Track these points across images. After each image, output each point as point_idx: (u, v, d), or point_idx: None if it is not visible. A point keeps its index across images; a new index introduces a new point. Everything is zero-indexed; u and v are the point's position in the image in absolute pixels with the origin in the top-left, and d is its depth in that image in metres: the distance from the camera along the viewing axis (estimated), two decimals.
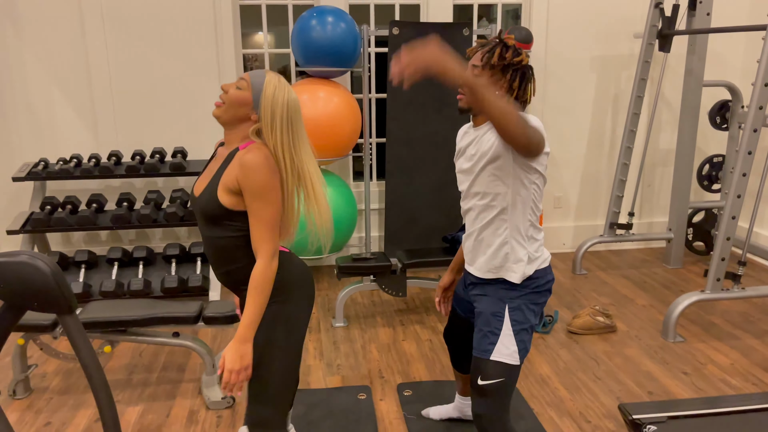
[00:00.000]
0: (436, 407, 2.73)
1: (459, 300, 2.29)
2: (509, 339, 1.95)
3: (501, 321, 1.96)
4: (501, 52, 1.89)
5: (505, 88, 1.91)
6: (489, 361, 1.95)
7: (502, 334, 1.94)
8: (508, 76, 1.91)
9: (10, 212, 4.37)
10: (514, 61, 1.90)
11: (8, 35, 4.15)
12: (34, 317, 2.84)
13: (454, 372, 2.54)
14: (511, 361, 1.95)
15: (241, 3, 4.42)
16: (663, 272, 4.58)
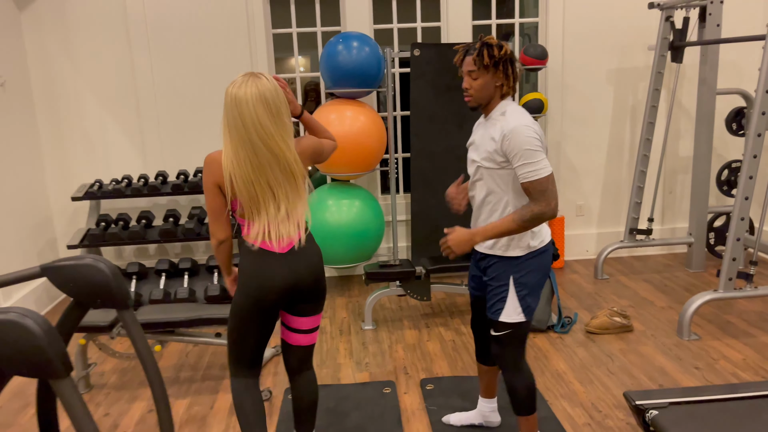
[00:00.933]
0: (457, 414, 2.81)
1: (474, 279, 2.48)
2: (515, 303, 2.26)
3: (507, 289, 2.26)
4: (488, 51, 2.16)
5: (502, 78, 2.19)
6: (498, 321, 2.29)
7: (508, 299, 2.26)
8: (501, 68, 2.18)
9: (70, 229, 4.79)
10: (501, 55, 2.17)
11: (66, 70, 4.59)
12: (94, 319, 3.18)
13: (479, 368, 2.65)
14: (518, 320, 2.27)
15: (274, 31, 4.78)
16: (685, 276, 4.70)
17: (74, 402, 1.68)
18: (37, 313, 1.58)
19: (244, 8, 4.61)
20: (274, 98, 2.02)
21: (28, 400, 3.23)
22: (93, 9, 4.53)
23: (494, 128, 2.20)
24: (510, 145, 2.11)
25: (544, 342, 3.65)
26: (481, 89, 2.20)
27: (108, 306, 2.26)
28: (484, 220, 2.32)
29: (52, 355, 1.61)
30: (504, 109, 2.21)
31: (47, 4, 4.49)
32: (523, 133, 2.09)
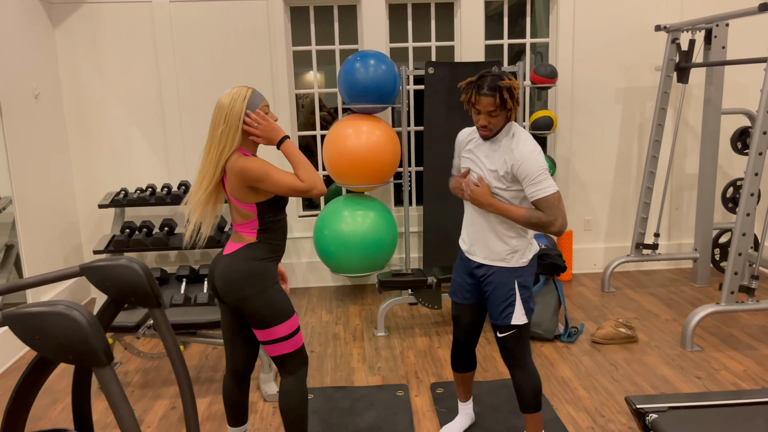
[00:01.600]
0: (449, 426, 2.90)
1: (464, 289, 2.61)
2: (521, 306, 2.48)
3: (514, 295, 2.47)
4: (509, 94, 2.30)
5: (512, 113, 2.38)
6: (509, 324, 2.48)
7: (516, 303, 2.47)
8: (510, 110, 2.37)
9: (95, 235, 4.99)
10: (516, 97, 2.34)
11: (95, 82, 4.82)
12: (121, 319, 3.35)
13: (458, 377, 2.81)
14: (523, 321, 2.49)
15: (294, 48, 4.98)
16: (690, 290, 4.81)
17: (114, 388, 1.84)
18: (82, 306, 1.73)
19: (266, 26, 4.82)
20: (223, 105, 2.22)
21: (57, 396, 3.39)
22: (123, 26, 4.75)
23: (505, 150, 2.38)
24: (521, 171, 2.32)
25: (551, 351, 3.77)
26: (497, 124, 2.38)
27: (141, 305, 2.42)
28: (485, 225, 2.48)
29: (96, 345, 1.77)
30: (512, 131, 2.41)
31: (79, 21, 4.72)
32: (532, 158, 2.31)
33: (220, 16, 4.79)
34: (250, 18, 4.81)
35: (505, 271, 2.47)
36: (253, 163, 2.20)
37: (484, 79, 2.32)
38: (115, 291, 2.40)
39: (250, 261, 2.27)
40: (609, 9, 4.98)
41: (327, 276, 5.22)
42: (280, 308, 2.29)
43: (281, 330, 2.29)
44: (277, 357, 2.34)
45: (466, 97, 2.39)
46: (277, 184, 2.20)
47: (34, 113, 4.38)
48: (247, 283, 2.25)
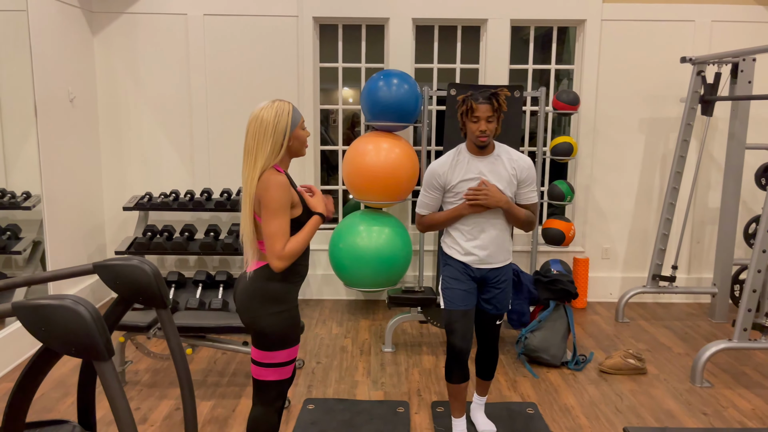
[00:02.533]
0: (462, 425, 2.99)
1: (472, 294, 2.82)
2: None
3: (510, 285, 2.90)
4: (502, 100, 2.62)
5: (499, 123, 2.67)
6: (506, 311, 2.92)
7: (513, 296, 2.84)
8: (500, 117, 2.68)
9: (119, 236, 5.14)
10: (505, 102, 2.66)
11: (129, 89, 5.00)
12: (134, 319, 3.45)
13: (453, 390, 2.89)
14: None
15: (321, 65, 5.10)
16: (707, 326, 4.72)
17: (112, 382, 1.91)
18: (88, 301, 1.81)
19: (296, 41, 4.95)
20: (268, 121, 2.13)
21: (68, 390, 3.50)
22: (158, 36, 4.94)
23: (505, 163, 2.73)
24: (529, 177, 2.76)
25: (557, 377, 3.75)
26: (493, 131, 2.67)
27: (149, 304, 2.51)
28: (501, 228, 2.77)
29: (99, 340, 1.85)
30: (504, 148, 2.77)
31: (118, 30, 4.92)
32: (533, 168, 2.78)
33: (251, 30, 4.94)
34: (281, 33, 4.95)
35: (510, 267, 2.88)
36: (276, 190, 2.11)
37: (478, 91, 2.66)
38: (125, 289, 2.49)
39: (270, 282, 2.20)
40: (635, 38, 4.98)
41: (341, 289, 5.28)
42: (288, 334, 2.23)
43: (279, 356, 2.23)
44: (260, 381, 2.27)
45: (463, 108, 2.65)
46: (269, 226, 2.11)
47: (69, 116, 4.57)
48: (263, 303, 2.20)
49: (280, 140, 2.16)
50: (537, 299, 3.98)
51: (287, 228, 2.14)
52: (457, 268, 2.80)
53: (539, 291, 3.99)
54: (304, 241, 2.18)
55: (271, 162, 2.16)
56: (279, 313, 2.21)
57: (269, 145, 2.14)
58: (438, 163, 2.76)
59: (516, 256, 5.17)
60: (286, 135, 2.16)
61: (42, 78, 4.17)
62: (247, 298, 2.23)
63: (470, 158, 2.72)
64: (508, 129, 4.53)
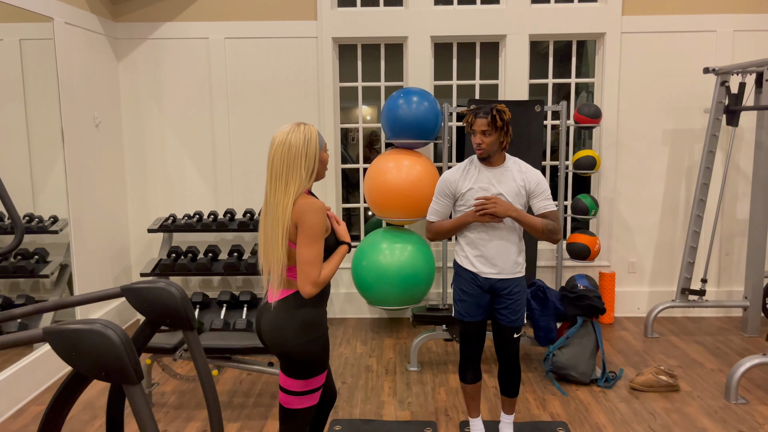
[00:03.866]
0: None
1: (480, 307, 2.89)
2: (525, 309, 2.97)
3: (523, 298, 2.90)
4: (500, 116, 2.71)
5: (504, 137, 2.75)
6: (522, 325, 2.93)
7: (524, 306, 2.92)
8: (504, 129, 2.74)
9: (144, 258, 5.19)
10: (507, 120, 2.73)
11: (153, 113, 5.08)
12: (160, 341, 3.47)
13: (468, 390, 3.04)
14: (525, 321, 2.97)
15: (341, 84, 5.14)
16: (739, 340, 4.61)
17: (142, 406, 1.91)
18: (118, 326, 1.82)
19: (315, 62, 4.99)
20: (297, 146, 2.11)
21: (96, 413, 3.52)
22: (181, 59, 5.02)
23: (514, 174, 2.81)
24: (539, 187, 2.81)
25: (587, 395, 3.68)
26: (491, 144, 2.74)
27: (176, 327, 2.52)
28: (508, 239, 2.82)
29: (128, 363, 1.86)
30: (514, 160, 2.86)
31: (142, 55, 5.01)
32: (543, 179, 2.84)
33: (271, 52, 5.00)
34: (300, 54, 5.00)
35: (521, 280, 2.89)
36: (316, 215, 2.09)
37: (481, 107, 2.75)
38: (152, 312, 2.50)
39: (303, 308, 2.16)
40: (656, 50, 4.94)
41: (364, 307, 5.26)
42: (323, 359, 2.21)
43: (314, 382, 2.20)
44: (290, 410, 2.23)
45: (466, 122, 2.78)
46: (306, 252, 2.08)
47: (95, 141, 4.64)
48: (300, 332, 2.15)
49: (312, 165, 2.15)
50: (564, 315, 3.93)
51: (322, 254, 2.12)
52: (466, 278, 2.89)
53: (566, 307, 3.93)
54: (334, 268, 2.19)
55: (305, 187, 2.15)
56: (315, 339, 2.18)
57: (301, 170, 2.12)
58: (450, 172, 2.90)
59: (541, 271, 5.11)
60: (316, 159, 2.16)
61: (68, 104, 4.25)
62: (279, 328, 2.17)
63: (481, 168, 2.84)
64: (530, 144, 4.51)
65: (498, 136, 2.73)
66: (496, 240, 2.82)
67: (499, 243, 2.82)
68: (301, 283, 2.10)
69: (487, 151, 2.75)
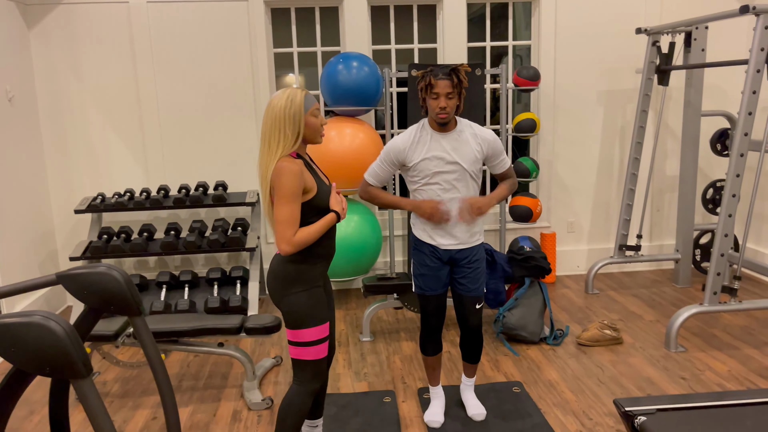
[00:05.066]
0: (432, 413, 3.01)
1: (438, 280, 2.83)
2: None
3: (483, 267, 2.87)
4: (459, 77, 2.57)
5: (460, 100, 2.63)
6: (482, 295, 2.87)
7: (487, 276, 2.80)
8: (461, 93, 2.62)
9: (71, 241, 4.87)
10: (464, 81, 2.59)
11: (71, 84, 4.71)
12: (99, 328, 3.26)
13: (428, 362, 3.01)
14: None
15: (275, 50, 4.92)
16: (672, 291, 4.84)
17: (94, 401, 1.77)
18: (59, 316, 1.68)
19: (247, 27, 4.75)
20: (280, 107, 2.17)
21: (33, 408, 3.29)
22: (99, 26, 4.66)
23: (468, 139, 2.69)
24: (496, 148, 2.74)
25: (537, 354, 3.76)
26: (453, 108, 2.61)
27: (121, 313, 2.35)
28: None
29: (75, 356, 1.71)
30: (468, 123, 2.74)
31: (55, 22, 4.61)
32: (496, 137, 2.75)
33: (198, 17, 4.72)
34: (230, 19, 4.74)
35: (480, 248, 2.84)
36: (288, 176, 2.15)
37: (438, 67, 2.58)
38: (94, 299, 2.33)
39: (286, 264, 2.28)
40: (590, 11, 5.00)
41: None
42: (310, 313, 2.28)
43: (307, 334, 2.30)
44: (297, 360, 2.35)
45: (423, 83, 2.60)
46: (279, 214, 2.17)
47: (8, 116, 4.27)
48: (281, 284, 2.28)
49: (296, 127, 2.19)
50: (512, 277, 3.98)
51: (297, 215, 2.19)
52: (424, 252, 2.82)
53: (513, 269, 3.98)
54: (316, 233, 2.24)
55: (288, 150, 2.20)
56: (298, 293, 2.27)
57: (285, 132, 2.18)
58: (400, 139, 2.72)
59: (485, 235, 5.15)
60: (300, 122, 2.19)
61: None
62: (271, 279, 2.32)
63: (432, 134, 2.69)
64: (472, 108, 4.49)
65: (458, 98, 2.61)
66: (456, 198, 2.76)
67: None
68: (277, 241, 2.20)
69: (450, 115, 2.61)
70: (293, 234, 2.18)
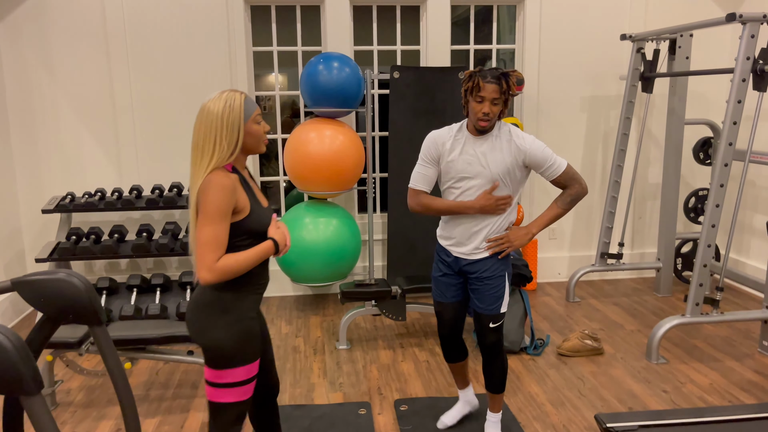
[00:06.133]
0: (446, 414, 3.00)
1: (451, 288, 2.69)
2: (507, 295, 2.65)
3: (503, 284, 2.62)
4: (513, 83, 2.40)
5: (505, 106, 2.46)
6: (499, 314, 2.63)
7: (505, 293, 2.62)
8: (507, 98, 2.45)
9: (39, 242, 4.70)
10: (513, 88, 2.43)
11: (42, 81, 4.54)
12: (62, 335, 3.11)
13: (453, 368, 2.90)
14: (506, 309, 2.67)
15: (254, 49, 4.80)
16: (653, 300, 4.79)
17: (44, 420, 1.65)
18: (8, 328, 1.56)
19: (226, 25, 4.62)
20: (216, 114, 1.88)
21: None
22: (72, 20, 4.50)
23: (503, 146, 2.48)
24: (541, 157, 2.49)
25: (517, 364, 3.68)
26: (497, 115, 2.44)
27: (80, 322, 2.22)
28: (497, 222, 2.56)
29: (24, 372, 1.59)
30: (508, 129, 2.52)
31: (25, 15, 4.44)
32: (538, 144, 2.50)
33: (176, 13, 4.58)
34: (209, 16, 4.61)
35: (498, 260, 2.60)
36: (215, 193, 1.85)
37: (487, 70, 2.40)
38: (51, 308, 2.19)
39: (217, 291, 1.96)
40: (575, 17, 4.95)
41: (287, 285, 5.04)
42: (244, 349, 1.97)
43: (235, 374, 1.97)
44: (217, 404, 2.00)
45: (469, 85, 2.42)
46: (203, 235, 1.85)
47: None
48: (205, 315, 1.95)
49: (234, 136, 1.90)
50: None
51: (224, 237, 1.88)
52: (439, 255, 2.72)
53: None
54: (246, 263, 1.91)
55: (225, 161, 1.90)
56: (229, 325, 1.95)
57: (221, 142, 1.88)
58: (438, 132, 2.57)
59: None
60: (240, 130, 1.91)
61: None
62: (193, 309, 1.99)
63: (467, 137, 2.51)
64: (454, 112, 4.41)
65: (503, 105, 2.43)
66: (461, 218, 2.56)
67: (464, 221, 2.56)
68: (197, 266, 1.86)
69: (492, 122, 2.43)
70: (216, 259, 1.85)
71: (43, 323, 2.24)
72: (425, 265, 4.49)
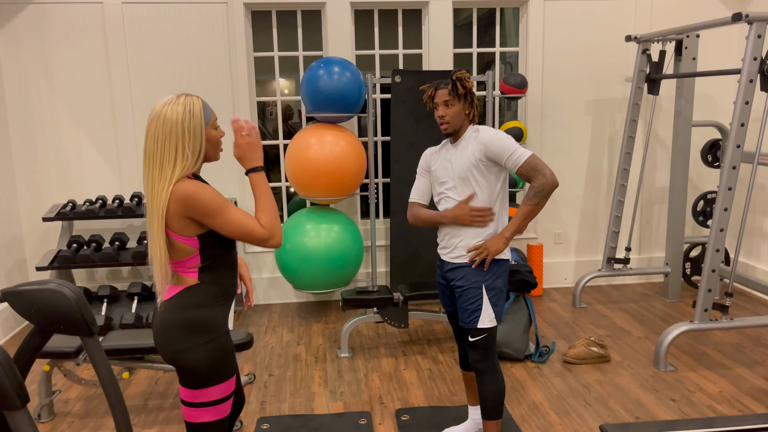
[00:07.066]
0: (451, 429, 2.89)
1: (445, 295, 2.69)
2: (488, 309, 2.48)
3: (481, 297, 2.47)
4: (461, 83, 2.46)
5: (469, 107, 2.50)
6: (476, 328, 2.48)
7: (483, 307, 2.47)
8: (468, 98, 2.49)
9: (40, 250, 4.68)
10: (469, 87, 2.49)
11: (42, 87, 4.53)
12: (59, 344, 3.08)
13: (464, 375, 2.84)
14: (491, 325, 2.49)
15: (255, 54, 4.77)
16: (661, 306, 4.71)
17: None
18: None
19: (226, 30, 4.60)
20: (175, 120, 1.78)
21: None
22: (72, 28, 4.48)
23: (471, 144, 2.48)
24: (499, 145, 2.42)
25: (522, 372, 3.61)
26: (456, 116, 2.48)
27: (71, 333, 2.18)
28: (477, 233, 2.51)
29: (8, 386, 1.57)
30: (474, 128, 2.53)
31: (26, 22, 4.44)
32: (499, 136, 2.44)
33: (176, 19, 4.56)
34: (209, 22, 4.59)
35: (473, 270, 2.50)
36: (204, 193, 1.77)
37: (441, 81, 2.52)
38: (42, 319, 2.16)
39: (190, 309, 1.85)
40: (579, 18, 4.89)
41: (290, 292, 4.99)
42: (220, 367, 1.88)
43: (213, 393, 1.87)
44: (194, 425, 1.90)
45: (428, 97, 2.54)
46: (231, 224, 1.80)
47: None
48: (185, 334, 1.84)
49: (196, 144, 1.80)
50: None
51: (241, 210, 1.84)
52: (437, 261, 2.71)
53: None
54: (268, 202, 1.88)
55: (190, 169, 1.80)
56: (206, 343, 1.85)
57: (184, 149, 1.78)
58: (428, 151, 2.68)
59: None
60: (202, 136, 1.81)
61: None
62: (165, 330, 1.86)
63: (447, 146, 2.60)
64: None
65: (462, 107, 2.47)
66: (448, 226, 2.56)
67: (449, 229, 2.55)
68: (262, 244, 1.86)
69: (452, 124, 2.47)
70: (257, 225, 1.83)
71: (33, 334, 2.21)
72: (428, 271, 4.44)
